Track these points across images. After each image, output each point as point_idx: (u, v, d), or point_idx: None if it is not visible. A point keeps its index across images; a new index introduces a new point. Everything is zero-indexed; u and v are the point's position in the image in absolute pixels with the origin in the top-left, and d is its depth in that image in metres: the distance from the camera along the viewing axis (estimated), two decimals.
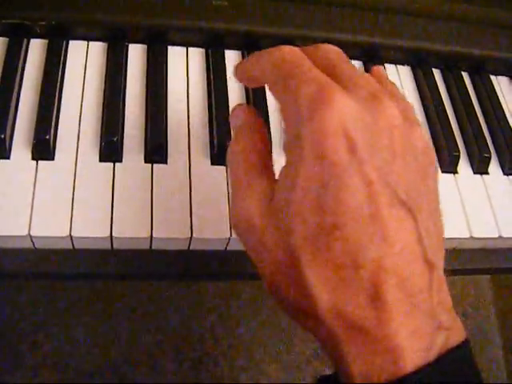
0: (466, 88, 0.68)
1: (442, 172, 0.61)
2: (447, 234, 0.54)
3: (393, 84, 0.41)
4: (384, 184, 0.32)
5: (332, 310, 0.32)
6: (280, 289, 0.35)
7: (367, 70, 0.65)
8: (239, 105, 0.43)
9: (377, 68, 0.44)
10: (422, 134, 0.36)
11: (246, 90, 0.60)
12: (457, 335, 0.34)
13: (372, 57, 0.66)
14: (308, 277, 0.32)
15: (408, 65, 0.69)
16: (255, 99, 0.58)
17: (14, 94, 0.54)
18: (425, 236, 0.32)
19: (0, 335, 1.29)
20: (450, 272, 0.60)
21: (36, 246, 0.50)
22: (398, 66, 0.68)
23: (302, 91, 0.33)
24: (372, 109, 0.33)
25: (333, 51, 0.38)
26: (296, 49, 0.37)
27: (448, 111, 0.65)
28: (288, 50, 0.37)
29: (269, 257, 0.35)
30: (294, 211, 0.33)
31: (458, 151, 0.60)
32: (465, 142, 0.64)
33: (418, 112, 0.65)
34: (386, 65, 0.67)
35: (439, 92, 0.66)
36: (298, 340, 1.33)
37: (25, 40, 0.58)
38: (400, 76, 0.67)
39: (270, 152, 0.40)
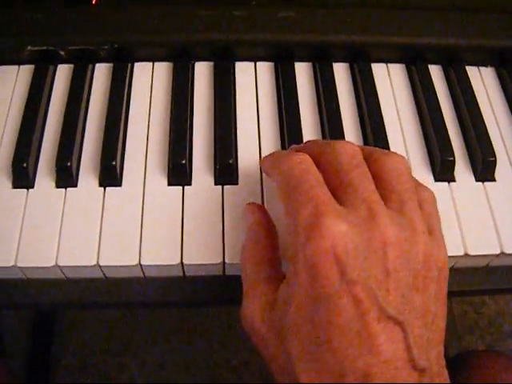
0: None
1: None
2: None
3: (417, 184, 0.42)
4: (373, 302, 0.34)
5: None
6: None
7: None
8: (250, 204, 0.46)
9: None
10: (426, 245, 0.37)
11: (319, 103, 0.57)
12: None
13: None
14: (302, 382, 0.35)
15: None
16: (329, 116, 0.55)
17: (80, 121, 0.54)
18: (414, 344, 0.34)
19: (88, 356, 1.31)
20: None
21: (106, 275, 0.48)
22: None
23: (300, 214, 0.36)
24: (367, 229, 0.36)
25: (346, 153, 0.40)
26: (305, 159, 0.40)
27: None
28: (297, 161, 0.39)
29: (271, 358, 0.39)
30: (289, 324, 0.36)
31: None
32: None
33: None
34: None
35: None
36: None
37: (89, 65, 0.57)
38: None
39: (278, 255, 0.43)
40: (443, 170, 0.53)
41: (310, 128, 0.55)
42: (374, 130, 0.54)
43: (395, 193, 0.39)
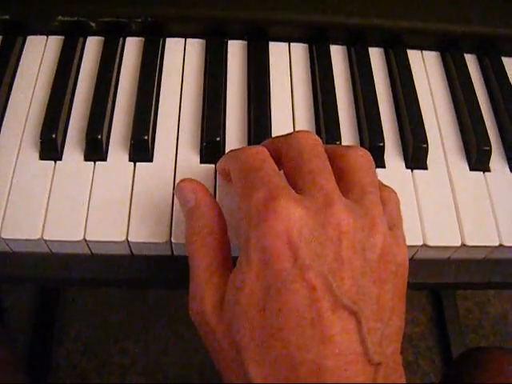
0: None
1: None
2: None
3: (382, 184, 0.42)
4: (326, 289, 0.33)
5: None
6: (231, 381, 0.37)
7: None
8: (185, 181, 0.43)
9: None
10: (384, 237, 0.36)
11: (354, 87, 0.56)
12: None
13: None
14: (251, 374, 0.34)
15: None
16: (365, 101, 0.54)
17: (111, 94, 0.52)
18: (368, 337, 0.34)
19: (90, 341, 1.31)
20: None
21: (133, 252, 0.47)
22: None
23: (254, 197, 0.35)
24: (322, 215, 0.35)
25: (307, 144, 0.39)
26: (261, 150, 0.39)
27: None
28: (253, 151, 0.39)
29: (219, 351, 0.37)
30: (240, 311, 0.35)
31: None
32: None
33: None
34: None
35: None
36: None
37: (120, 38, 0.56)
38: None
39: (227, 238, 0.41)
40: (479, 160, 0.52)
41: (345, 111, 0.54)
42: (410, 116, 0.53)
43: (358, 186, 0.38)
